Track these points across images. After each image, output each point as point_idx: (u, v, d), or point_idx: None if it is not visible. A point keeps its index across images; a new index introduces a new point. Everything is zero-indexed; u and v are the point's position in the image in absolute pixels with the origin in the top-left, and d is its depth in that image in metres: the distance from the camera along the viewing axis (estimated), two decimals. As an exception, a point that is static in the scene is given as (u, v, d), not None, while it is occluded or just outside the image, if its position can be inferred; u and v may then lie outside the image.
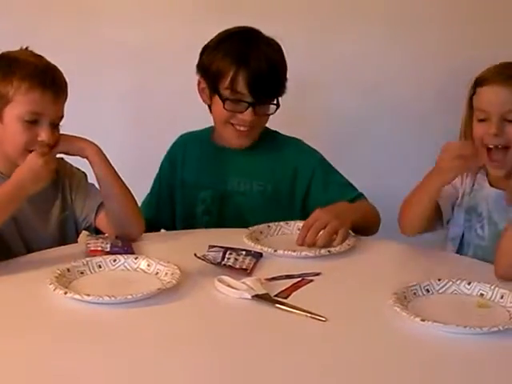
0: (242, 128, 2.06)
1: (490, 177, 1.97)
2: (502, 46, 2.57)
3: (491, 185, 1.96)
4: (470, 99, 1.94)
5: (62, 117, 1.86)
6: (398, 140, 2.83)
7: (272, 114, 2.09)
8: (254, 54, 2.02)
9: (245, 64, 2.01)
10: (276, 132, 2.19)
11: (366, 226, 1.97)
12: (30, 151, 1.79)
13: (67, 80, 1.87)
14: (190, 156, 2.19)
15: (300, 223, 1.93)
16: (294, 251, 1.77)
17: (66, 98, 1.86)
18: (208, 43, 2.10)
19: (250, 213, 2.06)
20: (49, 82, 1.80)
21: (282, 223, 1.96)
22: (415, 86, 2.76)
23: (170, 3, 2.72)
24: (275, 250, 1.78)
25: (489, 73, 1.92)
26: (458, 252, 1.99)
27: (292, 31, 2.65)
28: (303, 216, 1.94)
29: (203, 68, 2.10)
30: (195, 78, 2.70)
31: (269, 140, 2.16)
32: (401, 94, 2.77)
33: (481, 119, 1.89)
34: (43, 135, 1.80)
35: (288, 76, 2.10)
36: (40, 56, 1.85)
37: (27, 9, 2.71)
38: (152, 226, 2.05)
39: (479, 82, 1.92)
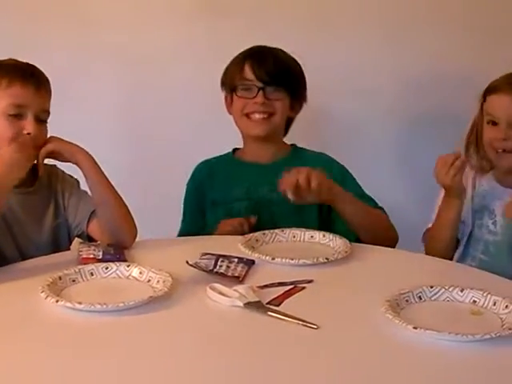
0: (256, 115, 2.15)
1: (500, 178, 2.08)
2: (497, 51, 2.58)
3: (502, 185, 2.08)
4: (481, 106, 2.07)
5: (48, 112, 1.87)
6: (395, 144, 2.83)
7: (281, 101, 2.17)
8: (257, 48, 2.19)
9: (250, 55, 2.18)
10: (303, 148, 2.28)
11: (374, 233, 2.00)
12: None
13: (64, 83, 1.88)
14: (217, 177, 2.25)
15: (296, 230, 1.95)
16: (292, 259, 1.76)
17: (49, 94, 1.88)
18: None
19: (283, 220, 2.08)
20: (29, 75, 1.83)
21: (277, 231, 1.96)
22: (411, 89, 2.76)
23: (165, 8, 2.71)
24: (273, 258, 1.77)
25: (498, 82, 2.05)
26: (465, 248, 2.08)
27: (287, 35, 2.66)
28: (327, 223, 2.02)
29: (222, 81, 2.24)
30: (190, 80, 2.72)
31: (296, 155, 2.26)
32: (397, 98, 2.77)
33: (490, 122, 2.03)
34: (28, 127, 1.81)
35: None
36: (20, 61, 1.88)
37: (24, 14, 2.70)
38: None
39: (490, 90, 2.05)
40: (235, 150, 2.30)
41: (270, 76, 2.14)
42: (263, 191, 2.18)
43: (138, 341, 1.42)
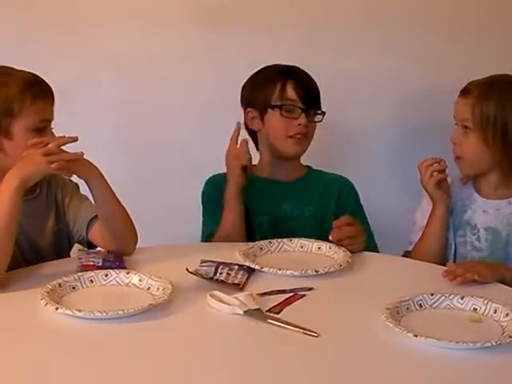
0: (298, 137, 2.18)
1: (480, 189, 2.05)
2: (499, 59, 2.57)
3: (482, 196, 2.04)
4: None
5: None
6: (393, 152, 2.83)
7: (319, 121, 2.22)
8: (295, 69, 2.22)
9: (291, 75, 2.19)
10: (319, 170, 2.31)
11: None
12: None
13: (63, 92, 1.90)
14: None
15: (304, 241, 1.94)
16: (280, 269, 1.75)
17: (54, 101, 1.88)
18: (245, 83, 2.25)
19: (302, 236, 2.04)
20: (44, 88, 1.84)
21: (285, 240, 1.95)
22: (407, 98, 2.76)
23: (163, 19, 2.71)
24: (261, 267, 1.77)
25: (464, 86, 2.03)
26: None
27: (283, 43, 2.66)
28: None
29: (249, 100, 2.24)
30: (188, 89, 2.71)
31: (314, 175, 2.29)
32: (396, 107, 2.77)
33: (455, 124, 2.02)
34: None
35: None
36: (13, 68, 1.87)
37: (22, 23, 2.70)
38: None
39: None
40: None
41: (311, 98, 2.17)
42: (283, 208, 2.21)
43: (138, 348, 1.42)
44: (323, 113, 2.21)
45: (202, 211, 2.27)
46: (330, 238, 1.90)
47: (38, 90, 1.82)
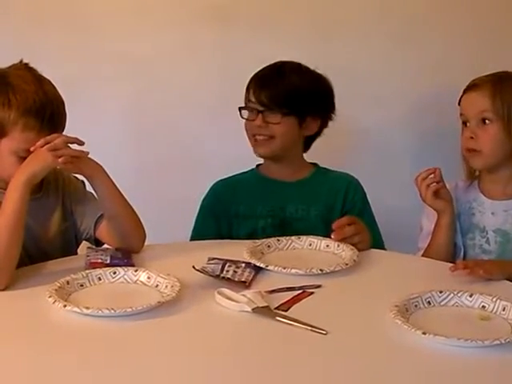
0: (258, 137, 2.16)
1: (485, 190, 2.04)
2: (504, 59, 2.56)
3: (488, 198, 2.03)
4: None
5: None
6: (400, 152, 2.83)
7: (281, 124, 2.13)
8: (267, 72, 2.18)
9: (256, 78, 2.18)
10: (326, 168, 2.29)
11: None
12: None
13: (70, 90, 1.87)
14: (241, 193, 2.23)
15: (312, 239, 1.93)
16: (285, 268, 1.74)
17: (63, 130, 1.82)
18: None
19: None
20: (46, 120, 1.77)
21: (293, 237, 1.94)
22: (417, 98, 2.75)
23: (170, 16, 2.71)
24: (267, 266, 1.76)
25: (469, 83, 2.02)
26: None
27: (292, 42, 2.66)
28: None
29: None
30: (195, 89, 2.71)
31: (320, 174, 2.27)
32: (403, 107, 2.77)
33: (464, 124, 2.00)
34: None
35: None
36: (38, 79, 1.81)
37: (28, 20, 2.70)
38: None
39: (462, 93, 2.03)
40: (258, 165, 2.29)
41: (269, 100, 2.12)
42: (288, 209, 2.19)
43: (146, 346, 1.42)
44: (293, 112, 2.13)
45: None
46: (332, 237, 1.90)
47: (34, 121, 1.76)
